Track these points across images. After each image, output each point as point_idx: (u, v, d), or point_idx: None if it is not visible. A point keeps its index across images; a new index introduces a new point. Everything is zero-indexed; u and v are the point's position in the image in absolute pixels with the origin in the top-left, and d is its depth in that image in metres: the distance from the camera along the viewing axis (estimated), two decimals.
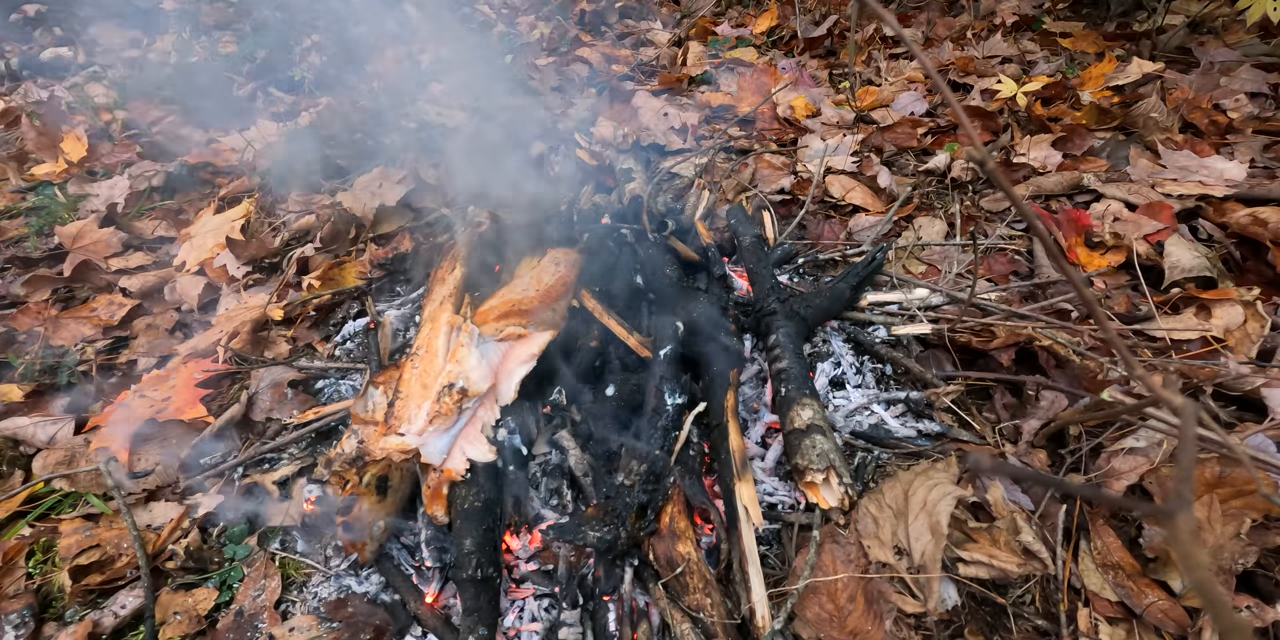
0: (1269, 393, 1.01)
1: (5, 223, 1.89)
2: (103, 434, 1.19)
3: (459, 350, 0.82)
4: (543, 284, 0.92)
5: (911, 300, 1.31)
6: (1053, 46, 2.36)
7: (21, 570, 1.01)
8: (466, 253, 1.09)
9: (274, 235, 1.72)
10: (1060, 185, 1.60)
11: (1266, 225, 1.27)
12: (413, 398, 0.77)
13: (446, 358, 0.81)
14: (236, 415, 1.23)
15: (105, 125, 2.35)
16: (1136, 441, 0.99)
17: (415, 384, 0.77)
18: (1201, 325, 1.16)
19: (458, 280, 1.00)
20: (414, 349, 0.83)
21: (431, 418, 0.75)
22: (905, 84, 2.22)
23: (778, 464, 1.07)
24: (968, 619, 0.86)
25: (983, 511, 0.96)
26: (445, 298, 0.94)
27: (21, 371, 1.36)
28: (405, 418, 0.75)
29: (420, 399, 0.76)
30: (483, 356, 0.83)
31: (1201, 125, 1.72)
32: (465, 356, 0.80)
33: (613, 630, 0.86)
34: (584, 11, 3.07)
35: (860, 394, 1.18)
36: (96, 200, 1.91)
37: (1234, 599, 0.82)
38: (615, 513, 0.89)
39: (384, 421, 0.76)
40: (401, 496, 0.94)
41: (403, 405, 0.75)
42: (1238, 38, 2.10)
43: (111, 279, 1.66)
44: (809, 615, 0.86)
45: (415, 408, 0.77)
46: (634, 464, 0.95)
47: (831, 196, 1.73)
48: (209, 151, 2.13)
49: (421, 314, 0.90)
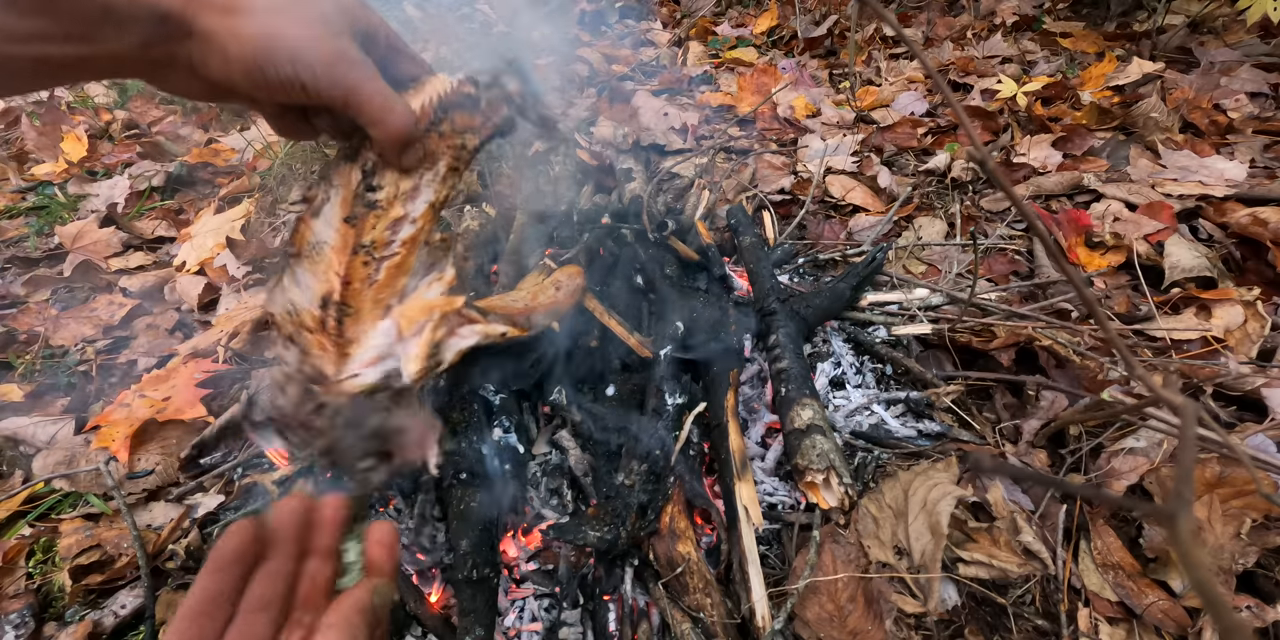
0: (1269, 393, 1.01)
1: (5, 223, 1.89)
2: (103, 434, 1.19)
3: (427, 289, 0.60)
4: (536, 301, 0.89)
5: (911, 300, 1.31)
6: (1053, 46, 2.36)
7: (21, 570, 1.01)
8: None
9: (274, 235, 1.71)
10: (1060, 185, 1.60)
11: (1266, 225, 1.27)
12: (365, 315, 0.56)
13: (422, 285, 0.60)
14: (236, 415, 1.22)
15: (105, 125, 2.35)
16: (1136, 441, 0.99)
17: (368, 298, 0.56)
18: (1201, 325, 1.16)
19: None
20: (368, 243, 0.56)
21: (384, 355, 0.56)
22: (905, 84, 2.22)
23: (778, 464, 1.07)
24: (968, 619, 0.86)
25: (983, 511, 0.96)
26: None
27: (21, 371, 1.36)
28: (357, 340, 0.55)
29: (373, 320, 0.56)
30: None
31: (1201, 125, 1.72)
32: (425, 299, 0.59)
33: (613, 630, 0.86)
34: (584, 11, 3.07)
35: (860, 394, 1.18)
36: (96, 200, 1.91)
37: (1234, 599, 0.82)
38: (615, 513, 0.89)
39: (329, 333, 0.55)
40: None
41: (354, 324, 0.55)
42: (1238, 38, 2.10)
43: (111, 279, 1.66)
44: (809, 615, 0.86)
45: (369, 331, 0.56)
46: (634, 464, 0.95)
47: (831, 196, 1.73)
48: (209, 151, 2.13)
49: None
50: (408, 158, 0.54)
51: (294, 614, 0.38)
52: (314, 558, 0.41)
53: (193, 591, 0.37)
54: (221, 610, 0.36)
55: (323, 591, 0.40)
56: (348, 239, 0.56)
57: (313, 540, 0.42)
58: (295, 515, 0.42)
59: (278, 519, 0.42)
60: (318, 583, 0.40)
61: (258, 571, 0.39)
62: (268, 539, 0.40)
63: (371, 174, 0.56)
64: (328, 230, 0.56)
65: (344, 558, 0.43)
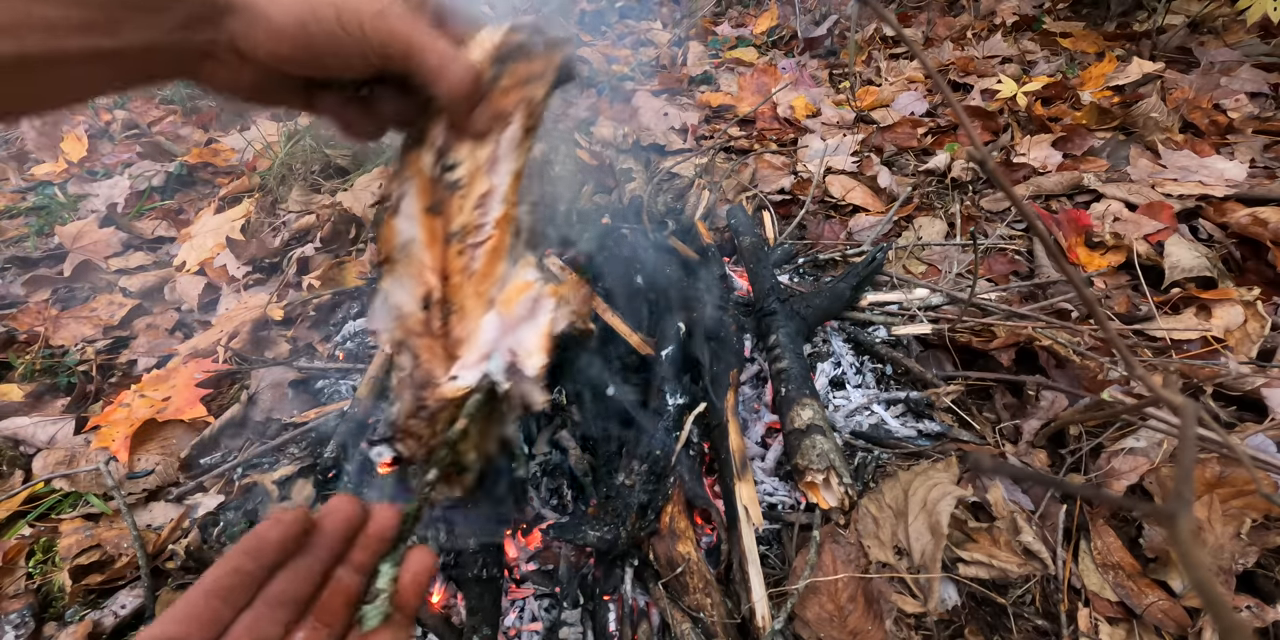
0: (1269, 393, 1.01)
1: (5, 223, 1.89)
2: (103, 434, 1.19)
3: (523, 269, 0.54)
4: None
5: (911, 300, 1.32)
6: (1053, 46, 2.36)
7: (21, 570, 1.01)
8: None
9: (274, 235, 1.72)
10: (1060, 185, 1.60)
11: (1266, 225, 1.27)
12: (470, 311, 0.50)
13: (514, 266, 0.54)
14: (236, 415, 1.23)
15: (105, 125, 2.35)
16: (1136, 441, 0.99)
17: (470, 291, 0.51)
18: (1201, 325, 1.16)
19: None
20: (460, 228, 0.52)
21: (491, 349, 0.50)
22: (905, 84, 2.22)
23: (778, 464, 1.07)
24: (968, 619, 0.86)
25: (983, 511, 0.96)
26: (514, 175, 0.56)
27: (21, 371, 1.36)
28: (465, 339, 0.50)
29: (478, 315, 0.50)
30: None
31: (1201, 125, 1.72)
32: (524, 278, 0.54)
33: (613, 630, 0.86)
34: (584, 11, 3.07)
35: (860, 394, 1.18)
36: (96, 200, 1.91)
37: (1234, 599, 0.82)
38: (615, 513, 0.89)
39: (437, 336, 0.51)
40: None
41: (459, 322, 0.50)
42: (1238, 38, 2.10)
43: (111, 279, 1.66)
44: (809, 615, 0.86)
45: (476, 328, 0.50)
46: (634, 464, 0.95)
47: (831, 196, 1.73)
48: (209, 151, 2.13)
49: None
50: (478, 119, 0.49)
51: (308, 620, 0.37)
52: (347, 568, 0.39)
53: (218, 567, 0.35)
54: (239, 595, 0.35)
55: (344, 605, 0.38)
56: (435, 231, 0.51)
57: (353, 551, 0.40)
58: (344, 519, 0.40)
59: (326, 518, 0.39)
60: (342, 595, 0.38)
61: (288, 565, 0.37)
62: (310, 535, 0.38)
63: (445, 152, 0.51)
64: (412, 226, 0.52)
65: (376, 580, 0.40)
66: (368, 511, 0.41)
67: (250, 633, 0.34)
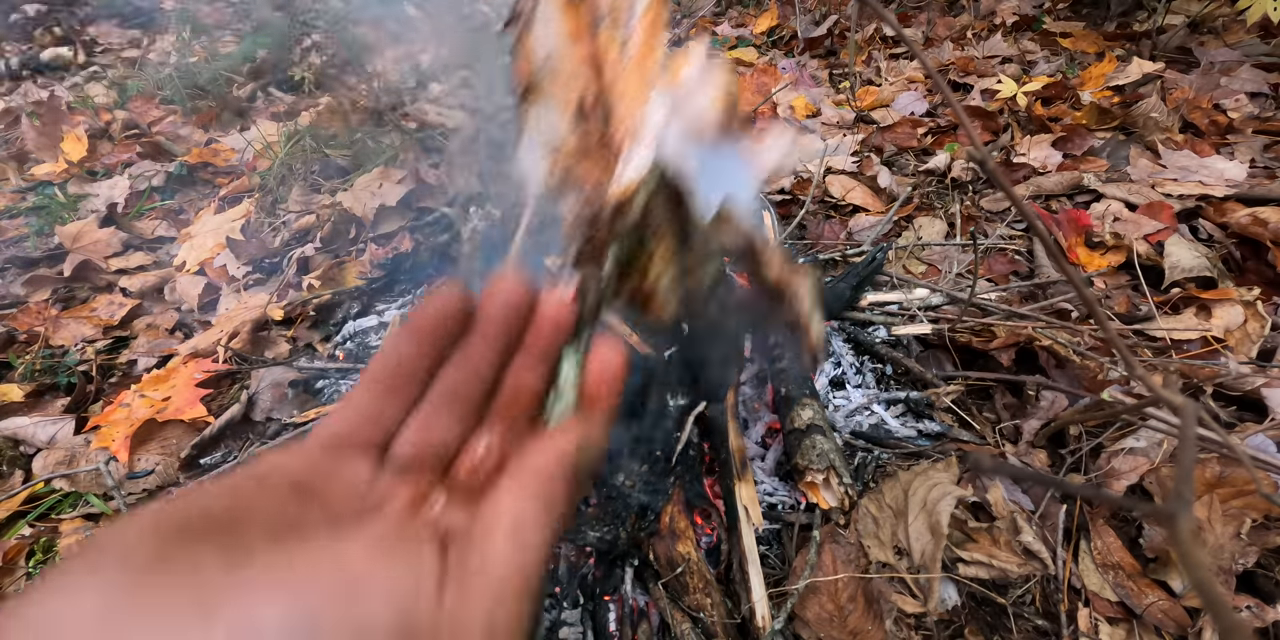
0: (1269, 393, 1.01)
1: (5, 223, 1.89)
2: (103, 434, 1.19)
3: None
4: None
5: (911, 300, 1.32)
6: (1053, 46, 2.36)
7: (21, 570, 1.01)
8: None
9: (274, 235, 1.72)
10: (1060, 185, 1.60)
11: (1266, 225, 1.27)
12: (633, 100, 0.43)
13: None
14: (236, 415, 1.23)
15: (105, 125, 2.35)
16: (1136, 441, 0.99)
17: (632, 79, 0.43)
18: (1201, 325, 1.16)
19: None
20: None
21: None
22: (905, 84, 2.22)
23: (778, 464, 1.07)
24: (968, 619, 0.86)
25: (983, 511, 0.96)
26: None
27: (21, 371, 1.36)
28: (631, 134, 0.42)
29: (641, 99, 0.42)
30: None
31: (1201, 125, 1.72)
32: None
33: (613, 630, 0.86)
34: None
35: (860, 394, 1.18)
36: (96, 200, 1.91)
37: (1234, 599, 0.82)
38: (615, 513, 0.89)
39: (599, 148, 0.43)
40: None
41: (622, 119, 0.42)
42: (1238, 38, 2.10)
43: (111, 279, 1.66)
44: (809, 615, 0.86)
45: (638, 113, 0.42)
46: (634, 464, 0.95)
47: (831, 196, 1.73)
48: (209, 151, 2.13)
49: None
50: None
51: (486, 422, 0.31)
52: (523, 356, 0.32)
53: (383, 354, 0.30)
54: (408, 387, 0.30)
55: (524, 406, 0.32)
56: (578, 21, 0.43)
57: (526, 337, 0.32)
58: (509, 304, 0.31)
59: (486, 303, 0.31)
60: (522, 391, 0.32)
61: (455, 353, 0.31)
62: (471, 319, 0.31)
63: None
64: (549, 29, 0.43)
65: (558, 374, 0.33)
66: (534, 297, 0.33)
67: (425, 432, 0.30)
